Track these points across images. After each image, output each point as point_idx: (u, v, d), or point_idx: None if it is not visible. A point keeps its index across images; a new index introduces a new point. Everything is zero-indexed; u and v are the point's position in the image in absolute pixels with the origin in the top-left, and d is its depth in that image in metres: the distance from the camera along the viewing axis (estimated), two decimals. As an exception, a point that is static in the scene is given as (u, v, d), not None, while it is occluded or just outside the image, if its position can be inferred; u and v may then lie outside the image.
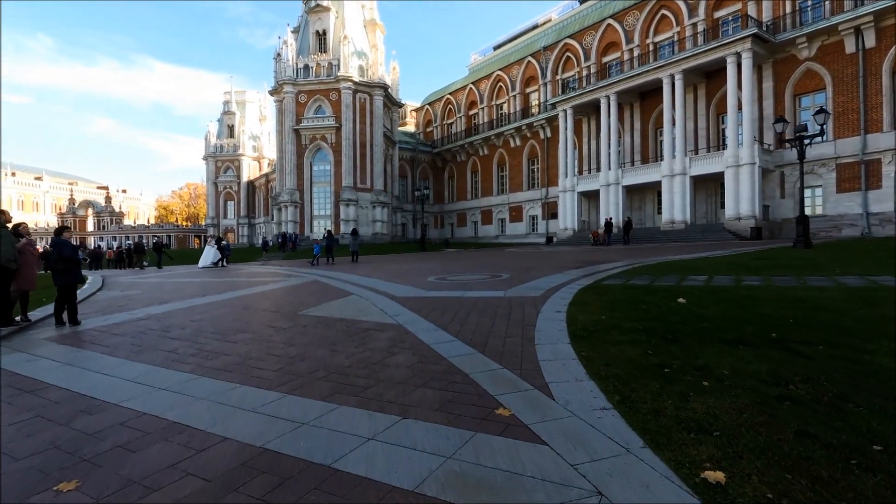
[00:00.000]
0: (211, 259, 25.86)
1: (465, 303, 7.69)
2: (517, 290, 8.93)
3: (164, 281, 15.88)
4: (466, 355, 4.64)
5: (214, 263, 25.61)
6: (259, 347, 5.30)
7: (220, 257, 25.72)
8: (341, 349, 5.09)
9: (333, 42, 46.84)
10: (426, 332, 5.66)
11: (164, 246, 31.95)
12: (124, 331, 6.54)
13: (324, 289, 10.59)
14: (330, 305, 7.98)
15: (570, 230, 37.83)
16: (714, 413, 2.98)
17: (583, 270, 12.27)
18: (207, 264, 25.55)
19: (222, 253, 26.50)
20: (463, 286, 9.88)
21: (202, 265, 25.74)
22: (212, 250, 26.51)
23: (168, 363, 4.83)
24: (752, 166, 27.19)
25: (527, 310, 6.85)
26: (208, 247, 27.62)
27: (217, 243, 27.10)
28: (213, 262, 25.70)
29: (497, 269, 14.30)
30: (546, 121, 43.42)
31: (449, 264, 17.86)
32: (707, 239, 27.18)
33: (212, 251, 26.43)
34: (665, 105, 31.70)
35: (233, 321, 6.86)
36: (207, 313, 7.58)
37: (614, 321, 5.72)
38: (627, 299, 7.16)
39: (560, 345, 4.86)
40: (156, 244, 31.90)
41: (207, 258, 26.02)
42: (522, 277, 11.13)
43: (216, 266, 25.28)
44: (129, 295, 10.80)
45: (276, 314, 7.30)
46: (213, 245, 27.24)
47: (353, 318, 6.77)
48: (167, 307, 8.57)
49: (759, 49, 27.61)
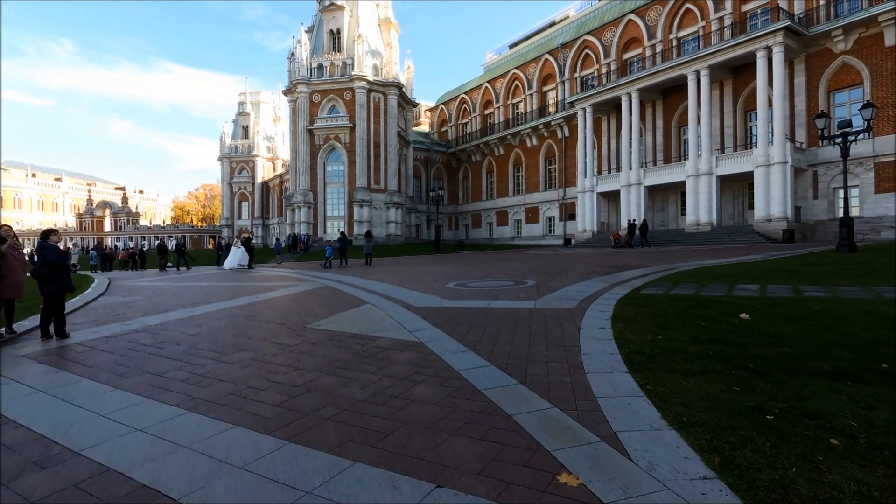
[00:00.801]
0: (238, 260, 24.35)
1: (492, 315, 6.89)
2: (547, 299, 8.11)
3: (169, 285, 15.36)
4: (505, 387, 3.84)
5: (241, 265, 24.20)
6: (259, 372, 4.56)
7: (248, 259, 24.04)
8: (354, 375, 4.32)
9: (347, 41, 46.37)
10: (453, 355, 4.87)
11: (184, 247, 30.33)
12: (113, 346, 5.87)
13: (335, 296, 9.87)
14: (342, 317, 7.23)
15: (589, 232, 36.76)
16: (869, 493, 2.15)
17: (613, 277, 11.38)
18: (234, 266, 24.12)
19: (250, 253, 24.99)
20: (486, 294, 9.08)
21: (228, 266, 24.33)
22: (239, 251, 24.88)
23: (153, 391, 4.11)
24: (784, 165, 25.91)
25: (565, 325, 6.02)
26: (234, 248, 25.64)
27: (245, 244, 25.45)
28: (240, 263, 24.24)
29: (519, 274, 13.47)
30: (564, 119, 42.38)
31: (467, 268, 17.06)
32: (735, 241, 25.98)
33: (239, 252, 24.79)
34: (690, 102, 30.49)
35: (233, 336, 6.14)
36: (206, 325, 6.89)
37: (673, 342, 4.87)
38: (678, 313, 6.29)
39: (616, 374, 4.04)
40: (177, 245, 30.32)
41: (234, 259, 24.50)
42: (549, 284, 10.29)
43: (242, 268, 23.92)
44: (129, 301, 10.21)
45: (281, 327, 6.58)
46: (239, 246, 25.60)
47: (368, 333, 6.01)
48: (165, 317, 7.92)
49: (792, 42, 26.32)
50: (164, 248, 28.00)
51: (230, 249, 28.46)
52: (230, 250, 26.04)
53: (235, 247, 25.62)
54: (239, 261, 24.34)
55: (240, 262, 24.30)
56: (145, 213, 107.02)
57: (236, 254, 24.78)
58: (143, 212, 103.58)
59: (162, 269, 26.19)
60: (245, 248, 25.02)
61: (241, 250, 24.87)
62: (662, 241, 29.75)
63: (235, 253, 24.89)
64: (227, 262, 25.04)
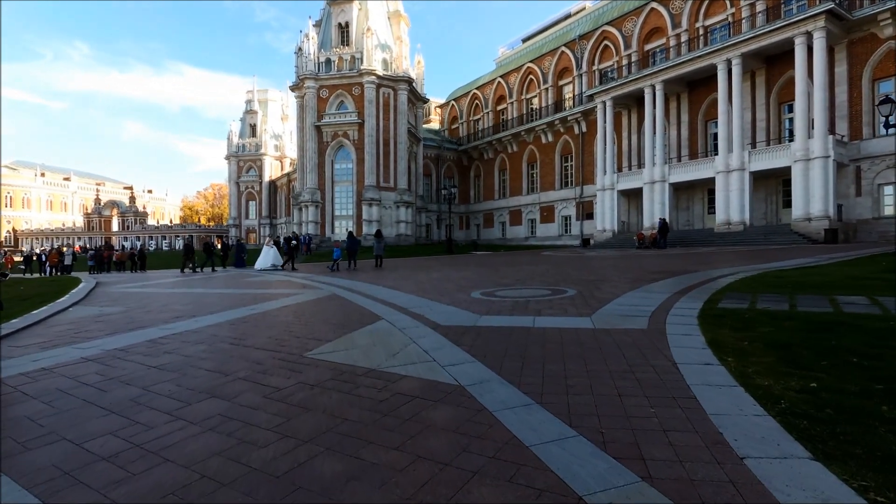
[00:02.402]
0: (271, 261, 22.38)
1: (543, 339, 5.32)
2: (604, 316, 6.52)
3: (161, 292, 13.96)
4: (621, 489, 2.28)
5: (275, 266, 22.26)
6: (226, 443, 3.03)
7: (287, 259, 21.42)
8: (370, 456, 2.78)
9: (356, 35, 44.98)
10: (513, 413, 3.31)
11: (212, 246, 26.68)
12: (47, 386, 4.38)
13: (344, 308, 8.35)
14: (351, 340, 5.71)
15: (609, 232, 35.00)
16: None
17: (664, 284, 9.76)
18: (267, 266, 22.19)
19: (291, 254, 22.67)
20: (524, 308, 7.51)
21: (260, 267, 22.36)
22: (272, 251, 22.83)
23: (56, 483, 2.59)
24: (826, 160, 24.02)
25: (651, 357, 4.44)
26: (266, 247, 23.37)
27: (287, 242, 22.78)
28: (273, 264, 22.27)
29: (552, 280, 11.87)
30: (581, 114, 40.63)
31: (489, 272, 15.49)
32: (772, 242, 24.16)
33: (272, 252, 22.76)
34: (720, 94, 28.63)
35: (207, 371, 4.63)
36: (179, 353, 5.39)
37: (840, 395, 3.28)
38: (801, 342, 4.68)
39: (794, 461, 2.47)
40: (206, 245, 27.26)
41: (267, 260, 22.47)
42: (595, 294, 8.70)
43: (275, 268, 22.01)
44: (103, 314, 8.76)
45: (274, 357, 5.06)
46: (272, 245, 23.42)
47: (387, 368, 4.47)
48: (134, 337, 6.44)
49: (834, 28, 24.42)
50: (190, 248, 24.71)
51: (238, 248, 27.14)
52: (262, 250, 23.85)
53: (268, 246, 23.55)
54: (272, 261, 22.46)
55: (273, 262, 22.41)
56: (153, 212, 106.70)
57: (269, 254, 22.85)
58: (151, 211, 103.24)
59: (191, 269, 23.55)
60: (290, 246, 22.81)
61: (274, 250, 23.02)
62: (692, 242, 27.98)
63: (268, 253, 22.92)
64: (258, 262, 23.08)
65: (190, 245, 25.18)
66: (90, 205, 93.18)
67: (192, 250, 24.58)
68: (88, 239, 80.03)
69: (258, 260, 23.33)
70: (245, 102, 76.47)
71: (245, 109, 76.31)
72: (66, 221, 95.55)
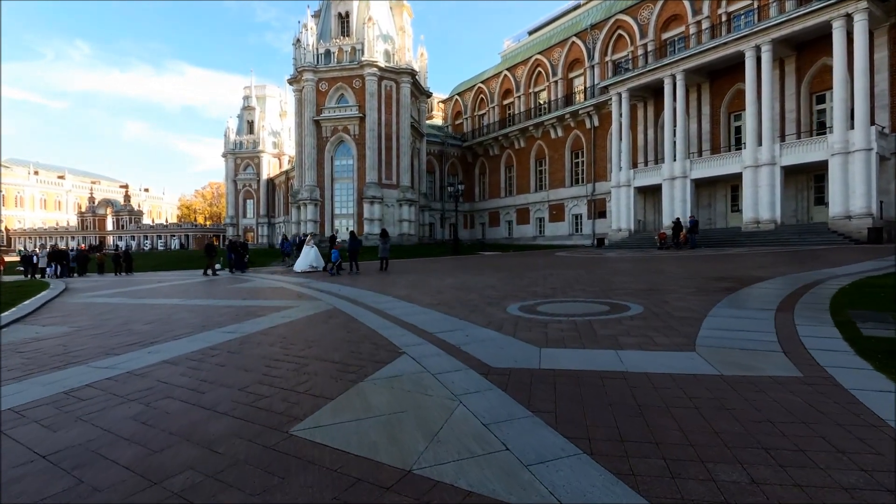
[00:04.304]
0: (311, 262, 20.42)
1: (652, 395, 3.41)
2: (712, 350, 4.62)
3: (131, 303, 12.08)
4: None
5: (314, 267, 20.32)
6: None
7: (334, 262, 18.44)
8: None
9: (357, 25, 43.03)
10: None
11: (242, 245, 24.66)
12: None
13: (349, 333, 6.45)
14: (362, 397, 3.81)
15: (625, 231, 33.08)
16: None
17: (746, 296, 7.90)
18: (306, 268, 20.24)
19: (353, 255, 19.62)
20: (591, 334, 5.60)
21: (300, 269, 20.41)
22: (312, 251, 20.77)
23: None
24: (868, 153, 22.13)
25: (862, 435, 2.54)
26: (307, 246, 21.16)
27: (331, 242, 20.51)
28: (312, 265, 20.35)
29: (596, 289, 9.96)
30: (594, 108, 38.68)
31: (511, 277, 13.58)
32: (809, 242, 22.26)
33: (313, 252, 20.73)
34: (748, 84, 26.69)
35: (116, 474, 2.74)
36: (90, 423, 3.48)
37: None
38: None
39: None
40: (231, 243, 24.96)
41: (306, 261, 20.55)
42: (668, 311, 6.80)
43: (314, 269, 20.11)
44: (40, 337, 6.88)
45: (238, 435, 3.16)
46: (312, 245, 21.19)
47: (428, 469, 2.57)
48: (51, 385, 4.56)
49: (876, 9, 22.52)
50: (213, 249, 22.40)
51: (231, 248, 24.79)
52: (303, 249, 21.47)
53: (308, 245, 21.14)
54: (312, 262, 20.47)
55: (312, 263, 20.43)
56: (150, 211, 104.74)
57: (309, 254, 20.70)
58: (147, 210, 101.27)
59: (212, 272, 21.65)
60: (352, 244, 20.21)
61: (315, 250, 20.90)
62: (717, 242, 26.08)
63: (308, 253, 20.74)
64: (298, 263, 21.12)
65: (212, 245, 22.84)
66: (85, 203, 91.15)
67: (214, 250, 22.38)
68: (82, 238, 78.00)
69: (297, 262, 21.35)
70: (242, 98, 74.36)
71: (242, 106, 74.22)
72: (59, 220, 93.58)
